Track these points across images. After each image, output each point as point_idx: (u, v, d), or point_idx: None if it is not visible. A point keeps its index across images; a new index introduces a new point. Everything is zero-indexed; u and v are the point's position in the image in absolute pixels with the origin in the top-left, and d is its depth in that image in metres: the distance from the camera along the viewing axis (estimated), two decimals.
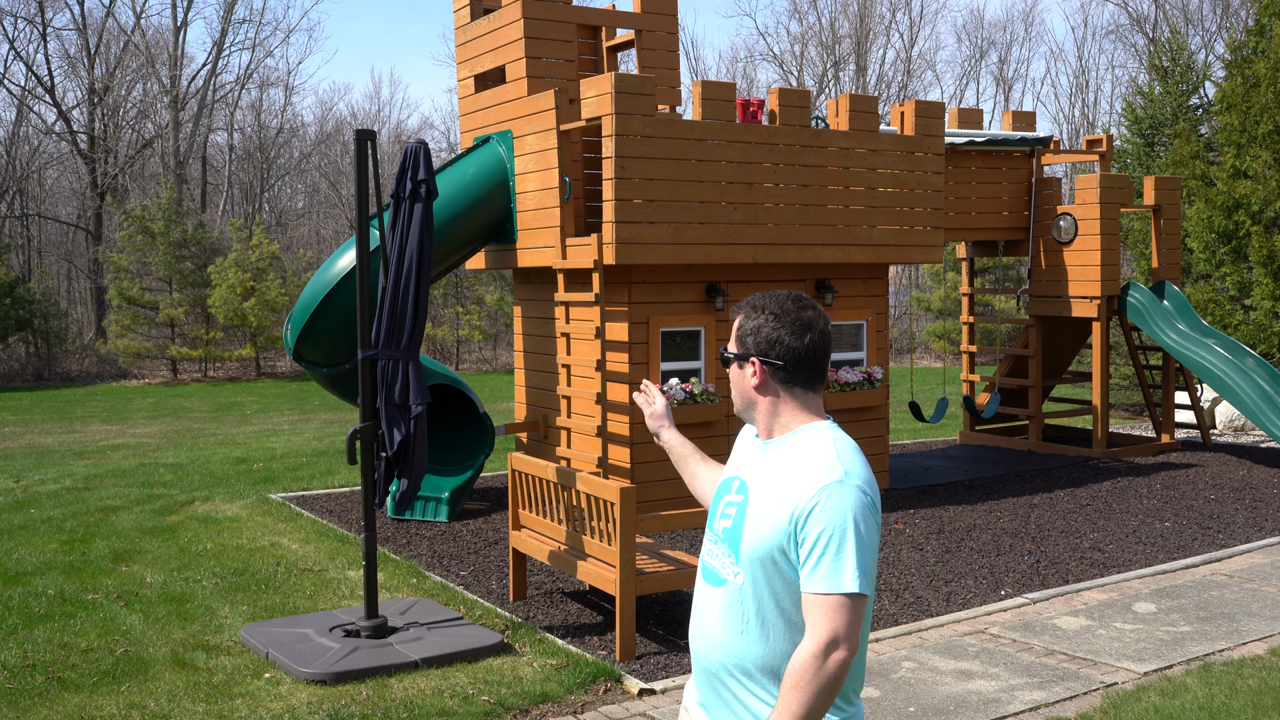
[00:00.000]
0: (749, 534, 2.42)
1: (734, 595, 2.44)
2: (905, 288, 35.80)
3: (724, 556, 2.48)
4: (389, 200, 6.62)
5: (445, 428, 9.86)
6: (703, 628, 2.51)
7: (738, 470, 2.58)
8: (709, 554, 2.55)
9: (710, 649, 2.48)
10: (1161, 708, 5.17)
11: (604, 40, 10.11)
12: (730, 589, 2.45)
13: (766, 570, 2.39)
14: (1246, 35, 17.01)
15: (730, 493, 2.55)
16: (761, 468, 2.50)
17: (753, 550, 2.40)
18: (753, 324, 2.51)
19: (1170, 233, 12.87)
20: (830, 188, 9.48)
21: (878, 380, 9.99)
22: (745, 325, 2.53)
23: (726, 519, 2.51)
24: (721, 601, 2.46)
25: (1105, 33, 52.51)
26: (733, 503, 2.52)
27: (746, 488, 2.50)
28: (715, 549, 2.52)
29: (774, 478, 2.45)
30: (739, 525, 2.46)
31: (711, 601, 2.49)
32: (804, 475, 2.38)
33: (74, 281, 38.25)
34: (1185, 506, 9.76)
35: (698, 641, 2.53)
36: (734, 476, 2.58)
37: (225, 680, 5.55)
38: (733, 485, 2.56)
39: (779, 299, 2.52)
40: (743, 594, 2.42)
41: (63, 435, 15.74)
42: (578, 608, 6.85)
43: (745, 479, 2.53)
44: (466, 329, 27.56)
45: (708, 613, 2.49)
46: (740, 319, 2.55)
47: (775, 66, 42.42)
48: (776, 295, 2.53)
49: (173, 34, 35.98)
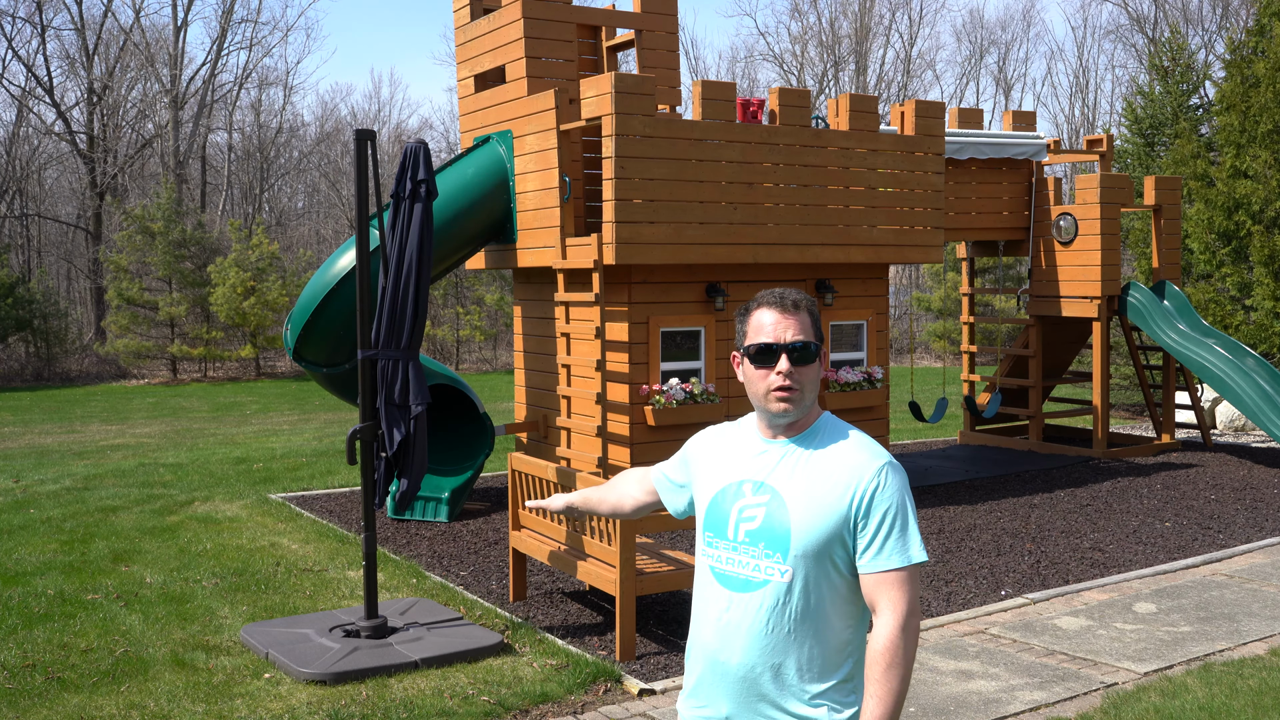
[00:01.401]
0: (800, 529, 2.42)
1: (780, 594, 2.43)
2: (905, 288, 35.79)
3: (759, 559, 2.45)
4: (389, 200, 6.62)
5: (445, 428, 9.85)
6: (736, 635, 2.46)
7: (743, 474, 2.54)
8: (729, 561, 2.50)
9: (749, 654, 2.45)
10: (1162, 708, 5.16)
11: (604, 40, 10.10)
12: (774, 589, 2.43)
13: (821, 562, 2.42)
14: (1246, 35, 17.01)
15: (745, 496, 2.51)
16: (791, 464, 2.50)
17: (807, 545, 2.42)
18: (813, 316, 2.55)
19: (1170, 233, 12.87)
20: (830, 188, 9.47)
21: (878, 380, 9.98)
22: (810, 318, 2.54)
23: (750, 521, 2.48)
24: (763, 604, 2.44)
25: (1105, 33, 52.54)
26: (755, 504, 2.49)
27: (770, 488, 2.48)
28: (740, 554, 2.48)
29: (816, 470, 2.47)
30: (780, 523, 2.44)
31: (746, 607, 2.45)
32: (854, 461, 2.45)
33: (74, 281, 38.23)
34: (1185, 506, 9.76)
35: (728, 652, 2.47)
36: (741, 480, 2.54)
37: (225, 680, 5.55)
38: (744, 489, 2.52)
39: (802, 293, 2.57)
40: (791, 591, 2.42)
41: (62, 435, 15.74)
42: (578, 608, 6.85)
43: (763, 480, 2.50)
44: (466, 329, 27.56)
45: (743, 620, 2.45)
46: (805, 312, 2.53)
47: (775, 66, 42.44)
48: (793, 290, 2.57)
49: (172, 34, 35.99)
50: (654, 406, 8.70)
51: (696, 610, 2.59)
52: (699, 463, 2.69)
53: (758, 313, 2.54)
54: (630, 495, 2.96)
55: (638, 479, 2.96)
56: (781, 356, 2.49)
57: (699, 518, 2.64)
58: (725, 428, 2.71)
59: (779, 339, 2.49)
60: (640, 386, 8.77)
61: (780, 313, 2.51)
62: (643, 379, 8.78)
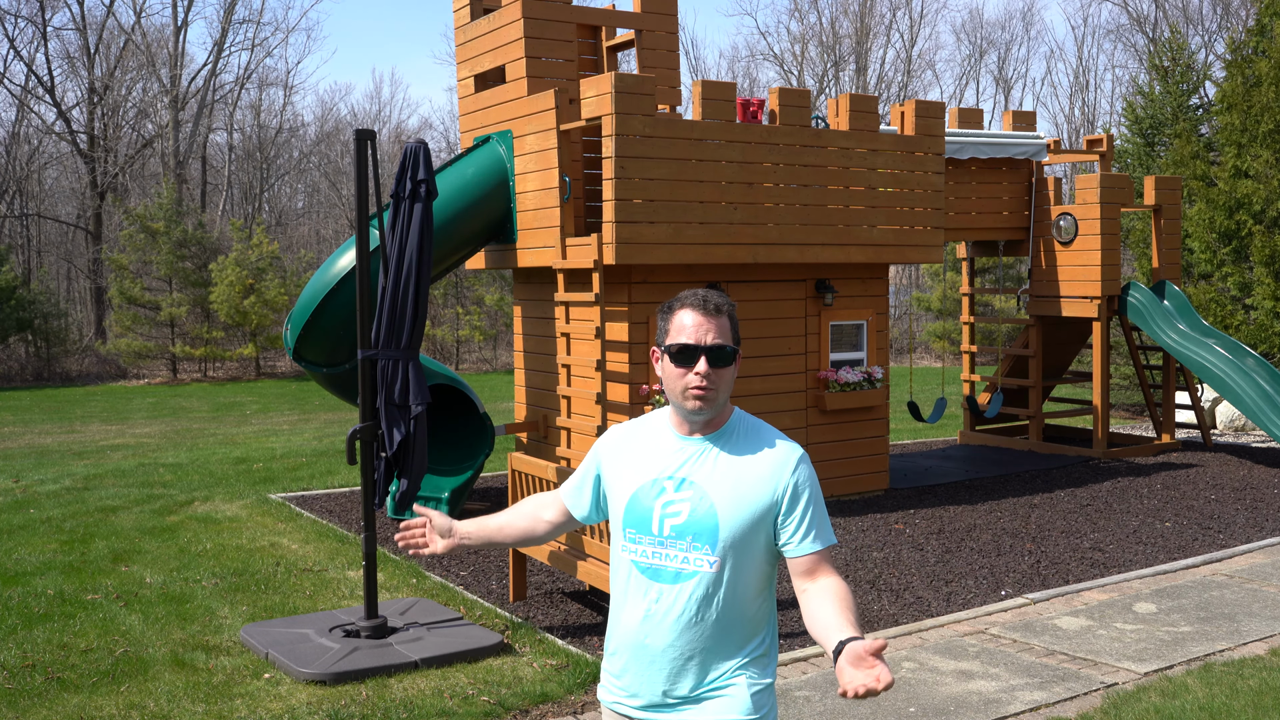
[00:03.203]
0: (727, 521, 2.55)
1: (708, 584, 2.56)
2: (905, 288, 35.79)
3: (686, 551, 2.57)
4: (389, 200, 6.62)
5: (445, 428, 9.85)
6: (664, 625, 2.59)
7: (662, 471, 2.63)
8: (655, 555, 2.60)
9: (679, 641, 2.58)
10: (1162, 708, 5.16)
11: (604, 40, 10.10)
12: (702, 579, 2.56)
13: (746, 549, 2.58)
14: (1247, 35, 17.01)
15: (667, 492, 2.61)
16: (712, 459, 2.61)
17: (735, 535, 2.56)
18: (732, 321, 2.64)
19: (1171, 233, 12.86)
20: (830, 188, 9.47)
21: (878, 380, 9.98)
22: (730, 322, 2.63)
23: (675, 517, 2.59)
24: (692, 593, 2.57)
25: (1105, 32, 52.52)
26: (679, 500, 2.59)
27: (692, 483, 2.59)
28: (666, 549, 2.59)
29: (737, 464, 2.60)
30: (706, 517, 2.56)
31: (676, 598, 2.58)
32: (774, 454, 2.61)
33: (74, 281, 38.23)
34: (1186, 506, 9.76)
35: (656, 639, 2.59)
36: (661, 477, 2.63)
37: (225, 680, 5.55)
38: (665, 485, 2.62)
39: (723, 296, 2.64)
40: (720, 580, 2.57)
41: (62, 435, 15.74)
42: (578, 608, 6.85)
43: (685, 476, 2.60)
44: (466, 329, 27.57)
45: (671, 610, 2.58)
46: (725, 316, 2.62)
47: (775, 66, 42.43)
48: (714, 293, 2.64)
49: (173, 34, 35.98)
50: (654, 406, 8.70)
51: (618, 604, 2.69)
52: (611, 462, 2.76)
53: (680, 313, 2.61)
54: (542, 519, 2.95)
55: (549, 501, 2.97)
56: (701, 358, 2.57)
57: (616, 515, 2.70)
58: (634, 426, 2.78)
59: (699, 340, 2.57)
60: (640, 386, 8.77)
61: (702, 315, 2.58)
62: (643, 379, 8.78)
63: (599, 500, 2.84)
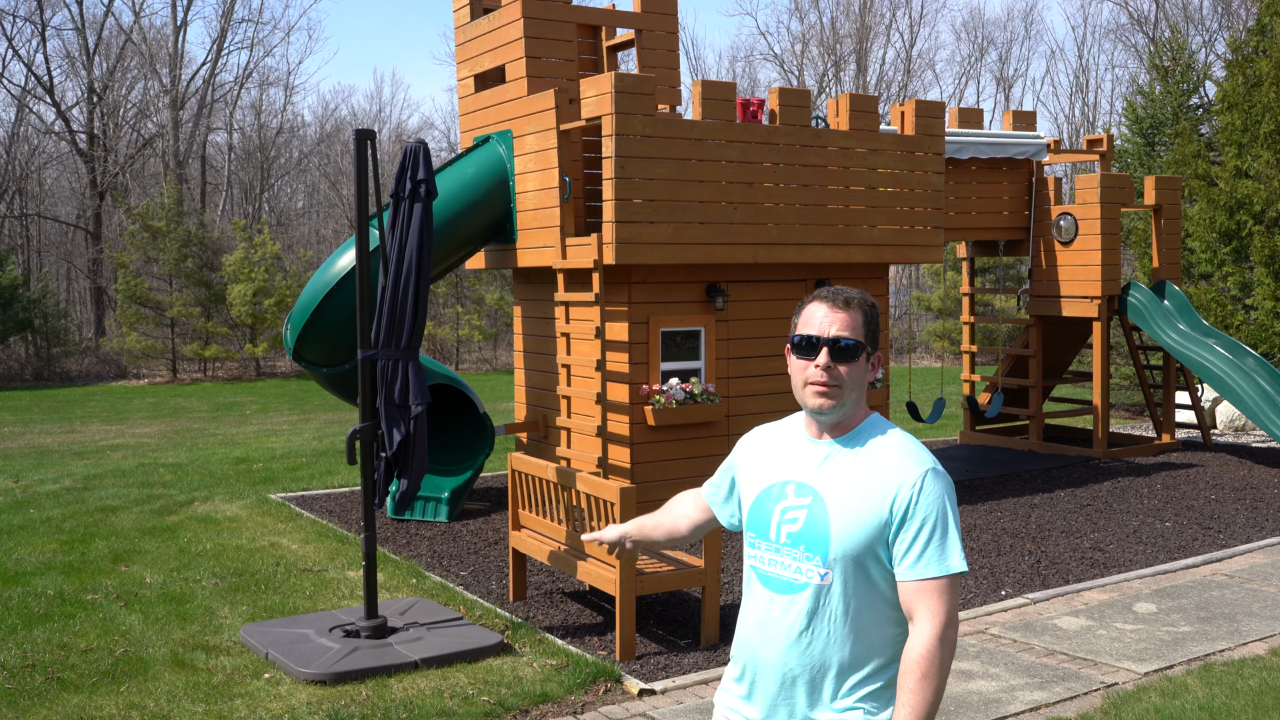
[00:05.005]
0: (839, 532, 2.41)
1: (820, 597, 2.44)
2: (905, 288, 35.78)
3: (799, 560, 2.46)
4: (389, 200, 6.62)
5: (445, 428, 9.85)
6: (775, 636, 2.48)
7: (787, 474, 2.54)
8: (770, 563, 2.51)
9: (788, 655, 2.46)
10: (1162, 708, 5.16)
11: (604, 40, 10.10)
12: (814, 592, 2.44)
13: (860, 566, 2.41)
14: (1248, 34, 17.00)
15: (787, 498, 2.51)
16: (834, 465, 2.49)
17: (846, 548, 2.41)
18: (866, 316, 2.50)
19: (1171, 233, 12.86)
20: (830, 187, 9.47)
21: (877, 380, 9.98)
22: (862, 316, 2.50)
23: (792, 524, 2.48)
24: (803, 606, 2.45)
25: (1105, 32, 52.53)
26: (797, 506, 2.49)
27: (811, 489, 2.48)
28: (781, 556, 2.49)
29: (857, 473, 2.45)
30: (820, 526, 2.44)
31: (787, 609, 2.47)
32: (895, 466, 2.42)
33: (73, 281, 38.24)
34: (1186, 506, 9.76)
35: (767, 650, 2.49)
36: (784, 481, 2.53)
37: (225, 680, 5.55)
38: (786, 490, 2.52)
39: (861, 294, 2.52)
40: (831, 594, 2.43)
41: (62, 435, 15.74)
42: (578, 608, 6.85)
43: (805, 481, 2.50)
44: (466, 329, 27.57)
45: (782, 620, 2.47)
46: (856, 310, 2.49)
47: (776, 66, 42.43)
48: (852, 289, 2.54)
49: (172, 33, 35.98)
50: (654, 406, 8.69)
51: (743, 609, 2.61)
52: (744, 464, 2.68)
53: (810, 306, 2.52)
54: (686, 515, 2.89)
55: (691, 499, 2.92)
56: (822, 350, 2.45)
57: (744, 518, 2.63)
58: (772, 427, 2.69)
59: (822, 332, 2.45)
60: (640, 386, 8.76)
61: (830, 306, 2.48)
62: (643, 379, 8.78)
63: (736, 501, 2.74)
